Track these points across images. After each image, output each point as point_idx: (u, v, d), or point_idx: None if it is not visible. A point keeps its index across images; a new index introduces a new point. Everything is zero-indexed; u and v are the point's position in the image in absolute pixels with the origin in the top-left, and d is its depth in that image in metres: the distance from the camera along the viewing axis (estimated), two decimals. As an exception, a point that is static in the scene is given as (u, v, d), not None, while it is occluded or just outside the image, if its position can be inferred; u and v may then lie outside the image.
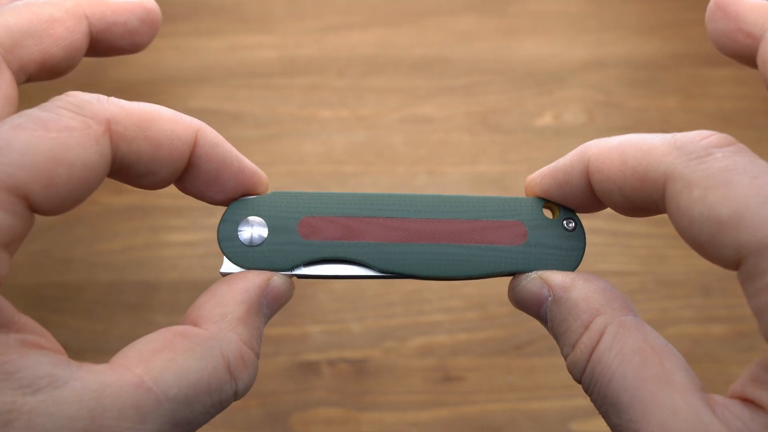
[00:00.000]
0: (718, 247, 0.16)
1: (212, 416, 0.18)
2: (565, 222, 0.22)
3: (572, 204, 0.21)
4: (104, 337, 0.45)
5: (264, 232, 0.21)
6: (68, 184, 0.17)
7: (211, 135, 0.21)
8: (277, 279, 0.20)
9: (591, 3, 0.63)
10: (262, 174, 0.22)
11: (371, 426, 0.41)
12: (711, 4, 0.20)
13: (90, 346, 0.44)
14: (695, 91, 0.56)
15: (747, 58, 0.20)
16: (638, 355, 0.17)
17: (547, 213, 0.22)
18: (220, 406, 0.18)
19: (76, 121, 0.18)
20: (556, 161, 0.21)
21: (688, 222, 0.17)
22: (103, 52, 0.24)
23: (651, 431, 0.16)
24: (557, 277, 0.20)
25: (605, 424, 0.18)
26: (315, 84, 0.57)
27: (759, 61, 0.19)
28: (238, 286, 0.20)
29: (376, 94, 0.57)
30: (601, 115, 0.55)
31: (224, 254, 0.21)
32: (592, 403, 0.18)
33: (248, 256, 0.21)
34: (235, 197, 0.21)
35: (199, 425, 0.18)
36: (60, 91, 0.20)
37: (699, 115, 0.55)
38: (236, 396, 0.18)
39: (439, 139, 0.54)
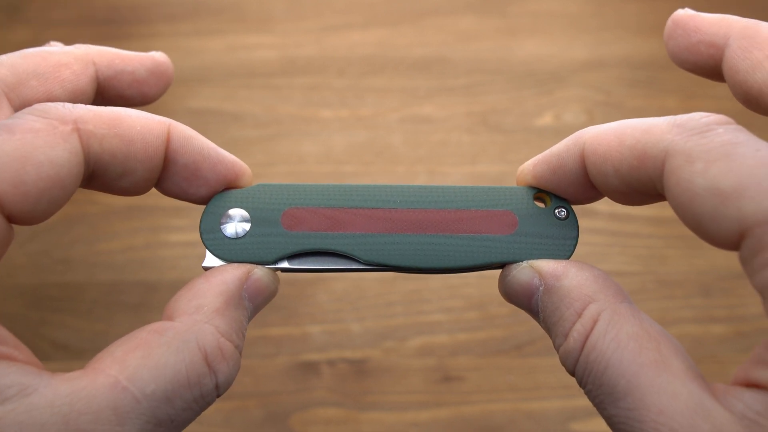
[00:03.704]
0: (720, 222, 0.16)
1: (196, 413, 0.17)
2: (556, 210, 0.21)
3: (565, 192, 0.21)
4: (104, 337, 0.45)
5: (247, 224, 0.21)
6: (38, 182, 0.17)
7: (183, 128, 0.20)
8: (259, 271, 0.20)
9: (591, 3, 0.63)
10: (242, 165, 0.21)
11: (371, 426, 0.41)
12: (669, 23, 0.20)
13: (90, 346, 0.44)
14: (695, 91, 0.56)
15: (710, 69, 0.20)
16: (634, 340, 0.17)
17: (539, 204, 0.21)
18: (202, 401, 0.17)
19: (41, 123, 0.18)
20: (550, 148, 0.21)
21: (689, 196, 0.16)
22: (112, 100, 0.24)
23: (650, 418, 0.16)
24: (548, 265, 0.19)
25: (605, 424, 0.18)
26: (315, 84, 0.57)
27: (725, 67, 0.19)
28: (216, 279, 0.19)
29: (376, 94, 0.57)
30: (601, 115, 0.55)
31: (206, 247, 0.21)
32: (591, 401, 0.18)
33: (231, 249, 0.21)
34: (218, 191, 0.21)
35: (184, 423, 0.17)
36: None
37: (699, 115, 0.55)
38: (218, 390, 0.18)
39: (439, 139, 0.54)
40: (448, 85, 0.57)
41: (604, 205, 0.50)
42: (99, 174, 0.19)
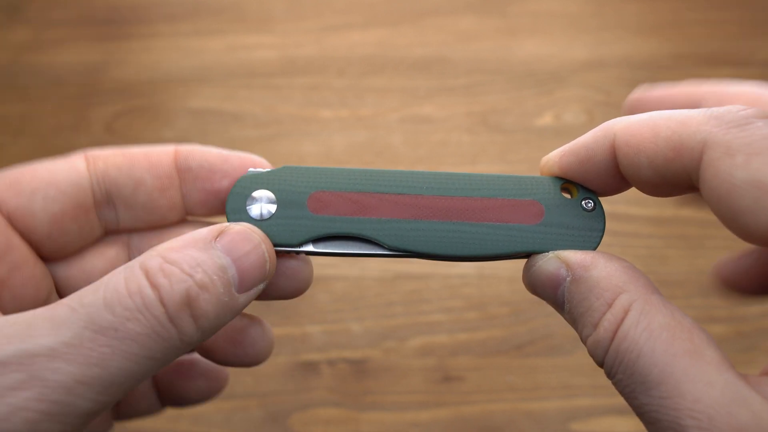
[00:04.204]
0: (759, 215, 0.16)
1: (146, 329, 0.16)
2: (584, 202, 0.21)
3: (593, 183, 0.21)
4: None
5: (273, 205, 0.21)
6: (32, 182, 0.18)
7: (189, 145, 0.21)
8: (237, 226, 0.19)
9: (591, 3, 0.63)
10: (255, 157, 0.22)
11: (371, 426, 0.41)
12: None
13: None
14: (695, 91, 0.56)
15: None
16: (667, 331, 0.17)
17: (566, 195, 0.21)
18: (147, 313, 0.16)
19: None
20: (576, 139, 0.20)
21: (728, 189, 0.16)
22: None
23: (685, 406, 0.16)
24: (576, 256, 0.19)
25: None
26: (315, 84, 0.57)
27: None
28: (189, 232, 0.19)
29: (376, 94, 0.57)
30: (601, 115, 0.55)
31: None
32: (620, 391, 0.17)
33: None
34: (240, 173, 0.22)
35: (132, 339, 0.16)
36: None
37: (699, 115, 0.55)
38: (168, 314, 0.17)
39: (439, 139, 0.54)
40: (448, 85, 0.57)
41: (605, 205, 0.50)
42: (114, 192, 0.20)
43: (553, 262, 0.19)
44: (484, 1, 0.63)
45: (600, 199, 0.21)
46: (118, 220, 0.21)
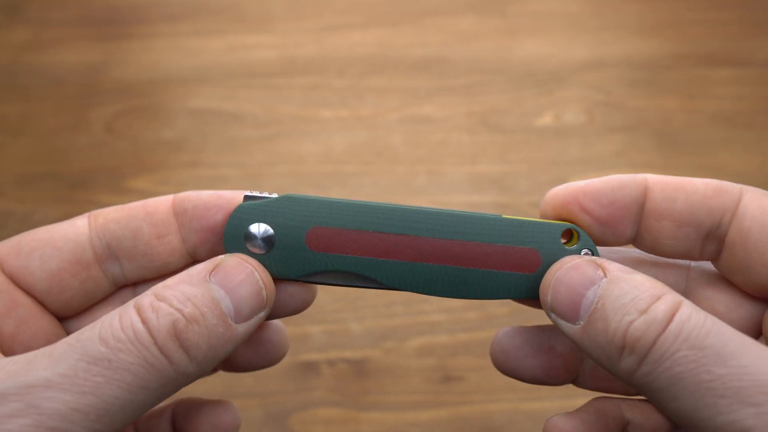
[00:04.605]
0: None
1: (139, 359, 0.17)
2: (583, 252, 0.21)
3: (608, 217, 0.21)
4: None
5: (271, 239, 0.21)
6: (31, 243, 0.20)
7: (185, 192, 0.22)
8: (228, 258, 0.20)
9: (591, 3, 0.63)
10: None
11: (371, 426, 0.41)
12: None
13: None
14: (695, 91, 0.56)
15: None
16: (724, 323, 0.18)
17: (564, 241, 0.21)
18: (139, 344, 0.17)
19: None
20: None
21: None
22: None
23: None
24: (615, 264, 0.20)
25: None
26: (315, 84, 0.57)
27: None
28: (186, 270, 0.20)
29: (376, 94, 0.57)
30: (601, 115, 0.55)
31: None
32: (672, 372, 0.17)
33: None
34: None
35: (126, 366, 0.17)
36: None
37: (699, 115, 0.55)
38: (158, 344, 0.17)
39: (439, 139, 0.54)
40: (448, 85, 0.57)
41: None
42: (115, 245, 0.21)
43: (591, 265, 0.20)
44: (484, 1, 0.63)
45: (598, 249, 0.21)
46: (124, 273, 0.22)
